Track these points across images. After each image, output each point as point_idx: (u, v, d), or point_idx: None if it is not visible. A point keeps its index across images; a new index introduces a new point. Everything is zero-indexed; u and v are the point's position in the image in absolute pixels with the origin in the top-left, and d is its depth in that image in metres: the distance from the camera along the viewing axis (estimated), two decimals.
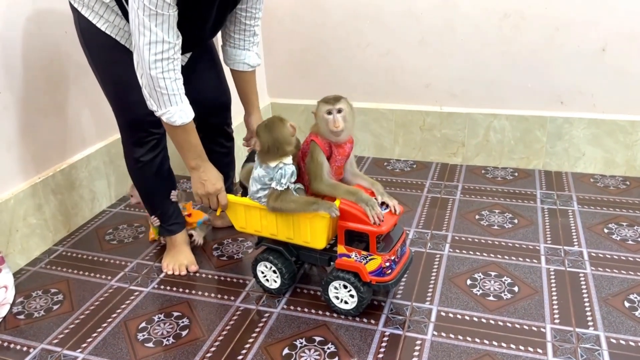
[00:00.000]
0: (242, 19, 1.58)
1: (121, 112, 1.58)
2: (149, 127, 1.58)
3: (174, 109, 1.38)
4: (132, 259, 1.79)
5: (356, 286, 1.42)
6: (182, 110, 1.39)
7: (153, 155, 1.63)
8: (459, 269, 1.65)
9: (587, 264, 1.65)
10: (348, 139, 1.45)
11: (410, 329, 1.41)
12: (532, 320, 1.42)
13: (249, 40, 1.63)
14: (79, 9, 1.47)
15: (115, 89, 1.55)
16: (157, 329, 1.46)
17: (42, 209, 1.83)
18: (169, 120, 1.39)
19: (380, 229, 1.35)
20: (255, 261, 1.56)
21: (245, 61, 1.65)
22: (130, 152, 1.63)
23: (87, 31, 1.50)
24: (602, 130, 2.18)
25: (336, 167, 1.45)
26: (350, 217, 1.37)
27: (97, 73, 1.56)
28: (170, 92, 1.35)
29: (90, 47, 1.53)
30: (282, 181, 1.37)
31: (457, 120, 2.34)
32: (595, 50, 2.10)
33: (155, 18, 1.29)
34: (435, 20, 2.24)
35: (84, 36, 1.52)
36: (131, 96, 1.51)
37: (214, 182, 1.50)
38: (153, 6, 1.28)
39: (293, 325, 1.45)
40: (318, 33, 2.42)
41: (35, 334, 1.46)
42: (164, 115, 1.39)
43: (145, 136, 1.59)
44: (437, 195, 2.12)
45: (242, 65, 1.66)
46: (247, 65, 1.66)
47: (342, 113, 1.39)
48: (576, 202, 2.02)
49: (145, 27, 1.30)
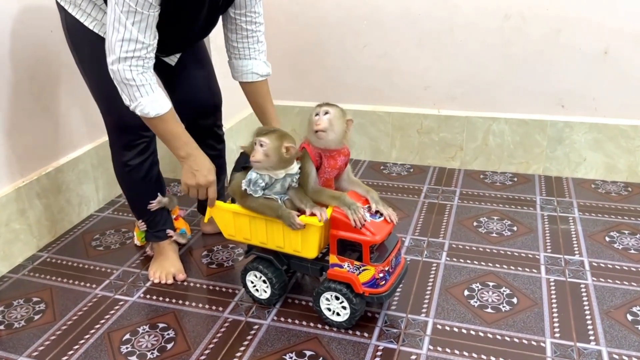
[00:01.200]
0: (243, 24, 1.52)
1: (109, 113, 1.53)
2: (138, 130, 1.52)
3: (145, 100, 1.32)
4: (118, 266, 1.73)
5: (348, 298, 1.36)
6: (154, 101, 1.33)
7: (142, 159, 1.57)
8: (456, 278, 1.60)
9: (588, 274, 1.60)
10: (338, 147, 1.38)
11: (405, 343, 1.35)
12: (531, 334, 1.37)
13: (253, 47, 1.56)
14: (66, 7, 1.43)
15: (103, 88, 1.49)
16: (142, 341, 1.40)
17: (26, 213, 1.77)
18: (142, 112, 1.33)
19: (374, 239, 1.29)
20: (244, 270, 1.50)
21: (253, 71, 1.56)
22: (118, 155, 1.57)
23: (74, 29, 1.45)
24: (603, 135, 2.13)
25: (324, 179, 1.39)
26: (342, 226, 1.32)
27: (85, 72, 1.51)
28: (138, 83, 1.30)
29: (77, 45, 1.47)
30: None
31: (456, 123, 2.29)
32: (597, 53, 2.05)
33: (134, 16, 1.24)
34: (434, 21, 2.19)
35: (71, 35, 1.47)
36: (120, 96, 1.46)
37: (205, 174, 1.42)
38: (133, 3, 1.23)
39: (283, 338, 1.39)
40: (314, 34, 2.37)
41: (15, 345, 1.40)
42: (137, 108, 1.33)
43: (134, 139, 1.54)
44: (435, 201, 2.06)
45: (251, 75, 1.57)
46: (257, 75, 1.57)
47: (328, 115, 1.33)
48: (577, 209, 1.96)
49: (120, 24, 1.25)
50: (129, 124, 1.50)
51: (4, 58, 1.67)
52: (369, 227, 1.30)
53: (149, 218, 1.66)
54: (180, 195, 2.14)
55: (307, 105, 2.48)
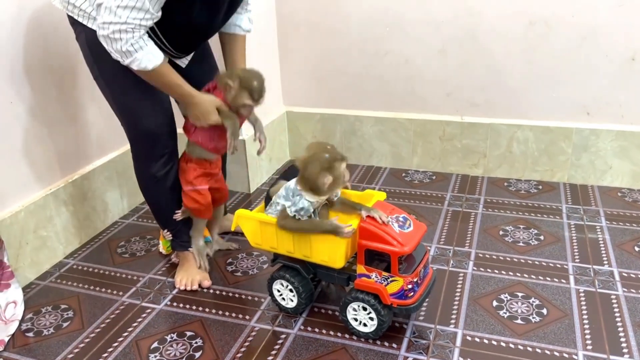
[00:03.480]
0: None
1: (133, 126, 1.53)
2: (162, 139, 1.53)
3: (140, 54, 1.32)
4: (144, 274, 1.73)
5: (376, 309, 1.35)
6: (149, 53, 1.33)
7: (167, 169, 1.58)
8: (484, 289, 1.58)
9: (618, 284, 1.57)
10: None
11: (435, 355, 1.34)
12: (562, 346, 1.35)
13: (240, 6, 1.56)
14: (84, 22, 1.41)
15: (127, 102, 1.50)
16: (170, 349, 1.40)
17: (52, 220, 1.79)
18: (140, 66, 1.33)
19: (403, 249, 1.28)
20: (271, 279, 1.50)
21: (237, 23, 1.58)
22: (144, 167, 1.58)
23: (94, 44, 1.43)
24: (630, 143, 2.10)
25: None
26: (371, 237, 1.31)
27: (107, 86, 1.50)
28: (133, 42, 1.30)
29: (98, 60, 1.46)
30: (291, 208, 1.33)
31: (479, 130, 2.27)
32: (625, 59, 2.02)
33: None
34: (456, 28, 2.17)
35: (91, 49, 1.45)
36: (143, 108, 1.47)
37: (206, 116, 1.48)
38: None
39: (311, 348, 1.38)
40: (335, 40, 2.36)
41: (44, 353, 1.41)
42: (133, 63, 1.33)
43: (159, 150, 1.54)
44: (459, 209, 2.04)
45: (234, 27, 1.59)
46: (239, 28, 1.59)
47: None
48: (604, 218, 1.93)
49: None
50: (153, 133, 1.51)
51: (33, 67, 1.69)
52: (398, 237, 1.30)
53: (174, 227, 1.67)
54: None
55: (327, 112, 2.48)
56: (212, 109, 1.48)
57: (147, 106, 1.48)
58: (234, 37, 1.60)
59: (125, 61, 1.33)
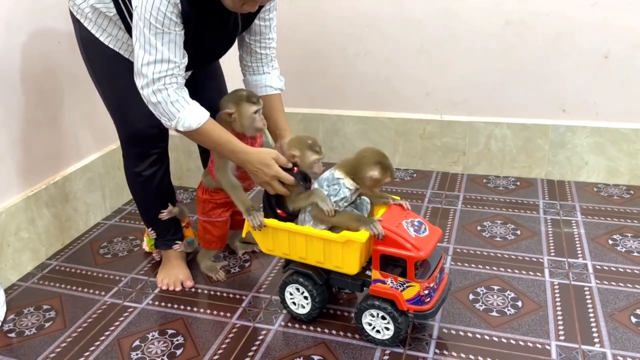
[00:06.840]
0: (257, 49, 1.55)
1: (123, 125, 1.55)
2: (152, 141, 1.55)
3: (182, 114, 1.33)
4: (127, 274, 1.75)
5: (393, 316, 1.32)
6: (191, 111, 1.34)
7: (154, 170, 1.59)
8: (462, 282, 1.61)
9: (592, 277, 1.61)
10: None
11: (412, 347, 1.37)
12: (536, 337, 1.38)
13: (267, 65, 1.58)
14: (81, 20, 1.44)
15: (117, 101, 1.52)
16: (151, 347, 1.42)
17: (34, 222, 1.79)
18: (184, 126, 1.34)
19: (419, 254, 1.25)
20: (283, 284, 1.47)
21: (267, 84, 1.58)
22: (131, 165, 1.59)
23: (89, 43, 1.46)
24: (605, 139, 2.15)
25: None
26: (386, 242, 1.29)
27: (99, 85, 1.53)
28: (172, 99, 1.31)
29: (91, 59, 1.49)
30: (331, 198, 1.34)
31: (458, 128, 2.31)
32: (598, 57, 2.07)
33: (162, 37, 1.26)
34: (435, 28, 2.21)
35: (85, 48, 1.48)
36: (133, 109, 1.47)
37: (265, 171, 1.37)
38: (160, 25, 1.25)
39: (291, 343, 1.41)
40: (316, 41, 2.39)
41: (27, 353, 1.42)
42: (179, 124, 1.33)
43: (148, 150, 1.56)
44: (438, 206, 2.08)
45: (265, 89, 1.58)
46: (271, 88, 1.58)
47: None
48: (580, 213, 1.98)
49: (151, 46, 1.27)
50: (143, 135, 1.52)
51: (12, 70, 1.69)
52: (414, 242, 1.28)
53: (159, 227, 1.68)
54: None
55: (310, 112, 2.50)
56: (269, 158, 1.38)
57: (138, 107, 1.50)
58: (268, 98, 1.57)
59: (171, 124, 1.34)
